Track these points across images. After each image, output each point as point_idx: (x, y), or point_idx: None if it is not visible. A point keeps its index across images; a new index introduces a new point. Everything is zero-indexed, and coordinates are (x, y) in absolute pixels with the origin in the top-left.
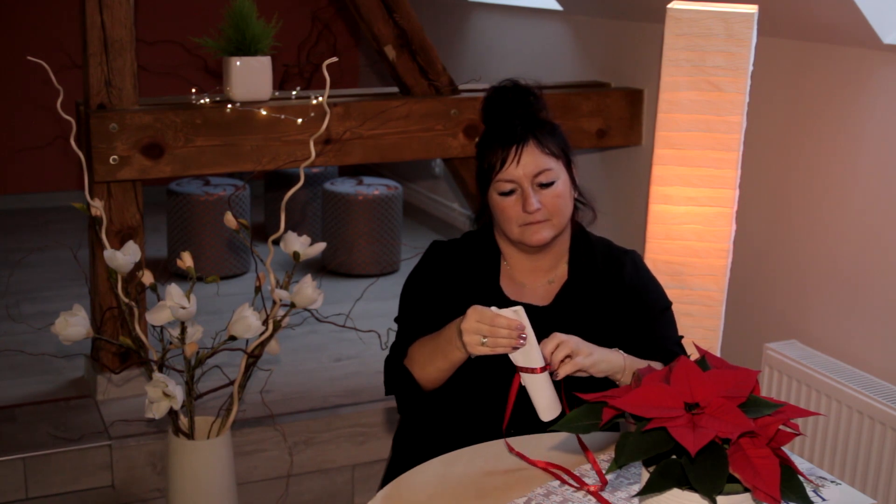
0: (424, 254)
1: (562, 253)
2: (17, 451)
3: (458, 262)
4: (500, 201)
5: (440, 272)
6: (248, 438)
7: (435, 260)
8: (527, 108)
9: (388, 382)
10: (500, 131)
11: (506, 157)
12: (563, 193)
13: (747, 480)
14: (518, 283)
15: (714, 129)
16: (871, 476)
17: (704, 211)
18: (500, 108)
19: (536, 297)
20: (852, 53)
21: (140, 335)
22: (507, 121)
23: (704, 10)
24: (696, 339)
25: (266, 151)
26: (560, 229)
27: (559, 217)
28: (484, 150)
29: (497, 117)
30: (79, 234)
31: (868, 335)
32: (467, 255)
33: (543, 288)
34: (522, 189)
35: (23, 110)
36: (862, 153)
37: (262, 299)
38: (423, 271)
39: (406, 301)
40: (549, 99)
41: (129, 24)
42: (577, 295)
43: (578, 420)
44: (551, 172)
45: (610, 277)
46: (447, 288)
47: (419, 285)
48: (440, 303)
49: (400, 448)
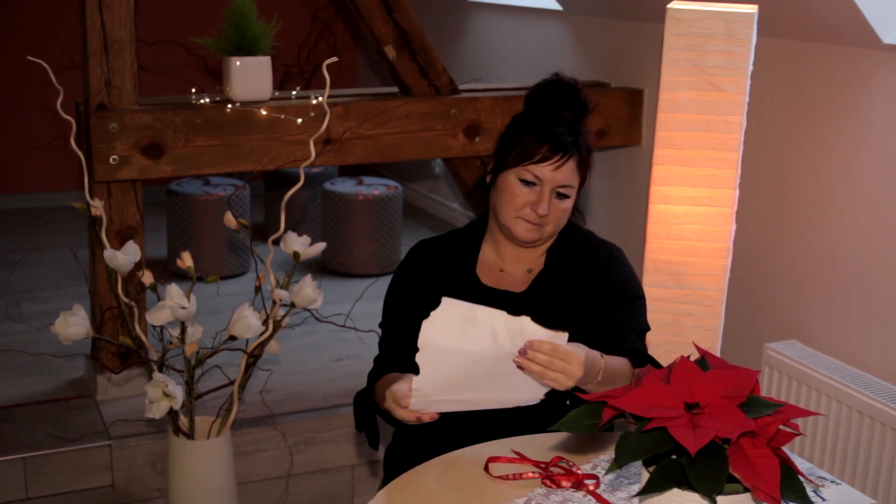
0: (403, 258)
1: (547, 247)
2: (17, 451)
3: (437, 258)
4: (515, 185)
5: (418, 271)
6: (248, 438)
7: (413, 260)
8: (578, 118)
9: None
10: (551, 129)
11: (547, 157)
12: (569, 208)
13: (747, 480)
14: (497, 269)
15: (714, 129)
16: (871, 476)
17: (704, 211)
18: (552, 103)
19: (514, 284)
20: (852, 53)
21: (140, 335)
22: (557, 120)
23: (704, 10)
24: (696, 339)
25: (266, 151)
26: (549, 236)
27: (554, 226)
28: (525, 135)
29: (541, 108)
30: (79, 234)
31: (868, 335)
32: (446, 248)
33: (522, 276)
34: (543, 190)
35: (23, 110)
36: (862, 153)
37: (262, 299)
38: (402, 274)
39: (386, 306)
40: None
41: (129, 24)
42: (551, 283)
43: (578, 420)
44: (571, 189)
45: (583, 266)
46: (425, 285)
47: (398, 289)
48: (418, 303)
49: (399, 448)
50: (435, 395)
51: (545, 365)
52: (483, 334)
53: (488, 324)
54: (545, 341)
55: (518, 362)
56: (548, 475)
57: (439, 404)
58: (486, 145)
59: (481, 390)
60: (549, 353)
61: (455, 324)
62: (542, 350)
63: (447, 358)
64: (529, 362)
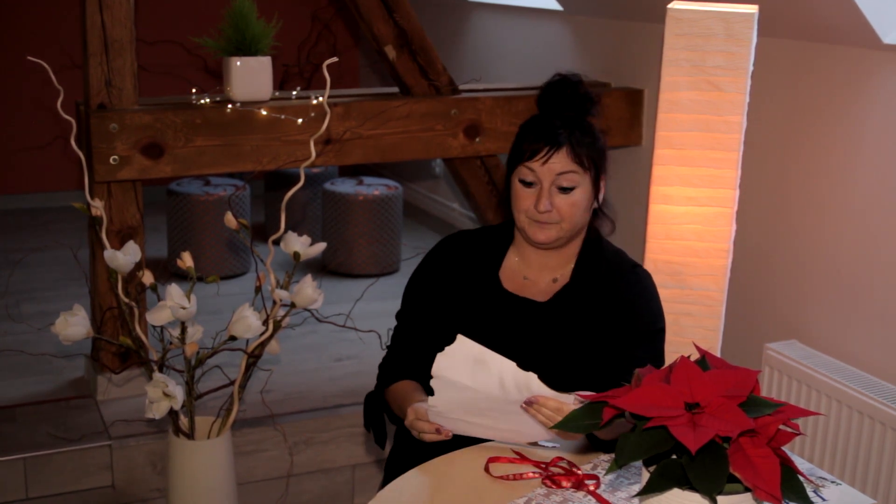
0: (431, 248)
1: (571, 255)
2: (17, 451)
3: (463, 255)
4: (519, 189)
5: (443, 267)
6: (248, 438)
7: (440, 254)
8: (578, 112)
9: (367, 419)
10: (543, 124)
11: (537, 151)
12: (579, 202)
13: (747, 480)
14: (521, 277)
15: (714, 129)
16: (871, 476)
17: (704, 211)
18: (552, 101)
19: (537, 293)
20: (852, 53)
21: (140, 335)
22: (553, 116)
23: (704, 10)
24: (696, 339)
25: (266, 151)
26: (567, 234)
27: (568, 223)
28: (522, 134)
29: (546, 108)
30: (79, 234)
31: (868, 335)
32: (474, 247)
33: (546, 285)
34: (541, 186)
35: (23, 110)
36: (862, 153)
37: (262, 299)
38: (427, 267)
39: (406, 297)
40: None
41: (129, 24)
42: (575, 297)
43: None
44: (574, 178)
45: (609, 286)
46: (447, 283)
47: (420, 282)
48: (439, 300)
49: (400, 448)
50: (450, 414)
51: (549, 419)
52: (492, 380)
53: (497, 371)
54: (550, 399)
55: (525, 409)
56: (548, 475)
57: (456, 423)
58: (486, 145)
59: (493, 420)
60: (553, 410)
61: (467, 363)
62: (548, 406)
63: (458, 391)
64: (536, 412)
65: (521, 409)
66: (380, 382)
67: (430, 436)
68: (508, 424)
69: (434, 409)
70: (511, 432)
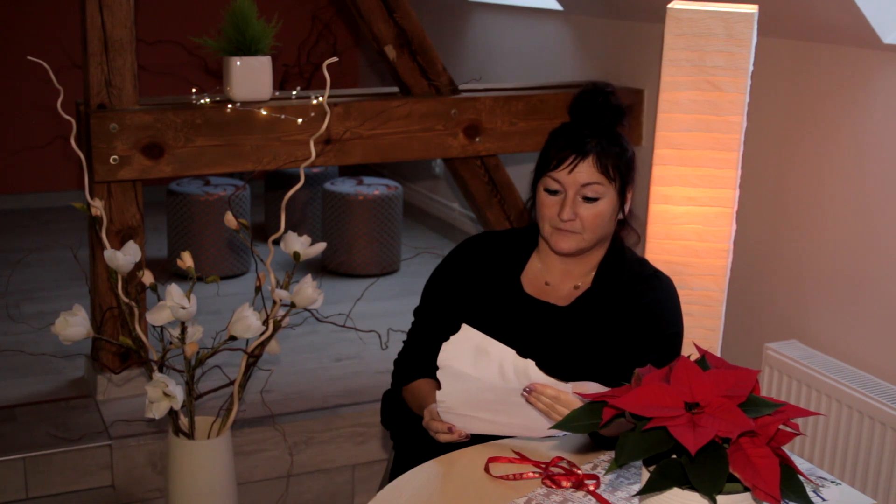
0: (455, 247)
1: (594, 264)
2: (17, 451)
3: (485, 257)
4: (544, 197)
5: (465, 267)
6: (248, 438)
7: (463, 254)
8: (608, 122)
9: (385, 417)
10: (571, 133)
11: (563, 160)
12: (603, 212)
13: (747, 480)
14: (543, 282)
15: (714, 129)
16: (871, 476)
17: (704, 211)
18: (582, 110)
19: (558, 298)
20: (852, 53)
21: (140, 335)
22: (582, 125)
23: (704, 10)
24: (696, 339)
25: (266, 151)
26: (590, 244)
27: (592, 233)
28: (551, 141)
29: (576, 117)
30: (79, 234)
31: (868, 335)
32: (499, 249)
33: (568, 291)
34: (566, 195)
35: (23, 110)
36: (862, 153)
37: (262, 299)
38: (447, 266)
39: (426, 293)
40: (549, 99)
41: (129, 24)
42: (596, 303)
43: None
44: (599, 189)
45: (630, 293)
46: (468, 284)
47: (441, 279)
48: (458, 299)
49: (400, 448)
50: (459, 410)
51: (548, 407)
52: (492, 368)
53: (497, 358)
54: (548, 387)
55: (525, 398)
56: (548, 475)
57: (467, 420)
58: (486, 145)
59: (500, 414)
60: (551, 398)
61: (470, 351)
62: (546, 394)
63: (462, 381)
64: (535, 400)
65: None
66: (396, 380)
67: (444, 436)
68: (517, 419)
69: (443, 404)
70: (521, 427)
